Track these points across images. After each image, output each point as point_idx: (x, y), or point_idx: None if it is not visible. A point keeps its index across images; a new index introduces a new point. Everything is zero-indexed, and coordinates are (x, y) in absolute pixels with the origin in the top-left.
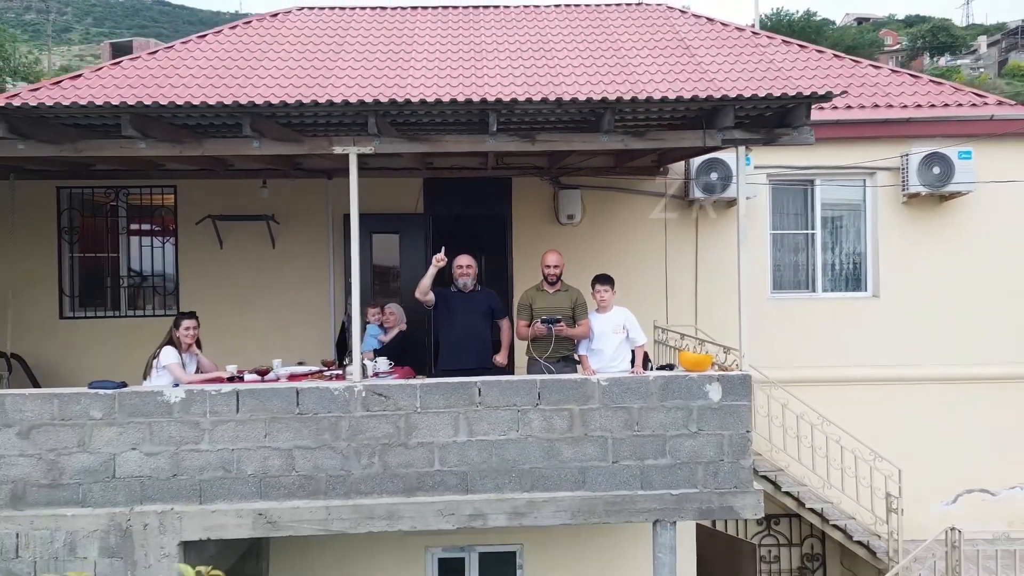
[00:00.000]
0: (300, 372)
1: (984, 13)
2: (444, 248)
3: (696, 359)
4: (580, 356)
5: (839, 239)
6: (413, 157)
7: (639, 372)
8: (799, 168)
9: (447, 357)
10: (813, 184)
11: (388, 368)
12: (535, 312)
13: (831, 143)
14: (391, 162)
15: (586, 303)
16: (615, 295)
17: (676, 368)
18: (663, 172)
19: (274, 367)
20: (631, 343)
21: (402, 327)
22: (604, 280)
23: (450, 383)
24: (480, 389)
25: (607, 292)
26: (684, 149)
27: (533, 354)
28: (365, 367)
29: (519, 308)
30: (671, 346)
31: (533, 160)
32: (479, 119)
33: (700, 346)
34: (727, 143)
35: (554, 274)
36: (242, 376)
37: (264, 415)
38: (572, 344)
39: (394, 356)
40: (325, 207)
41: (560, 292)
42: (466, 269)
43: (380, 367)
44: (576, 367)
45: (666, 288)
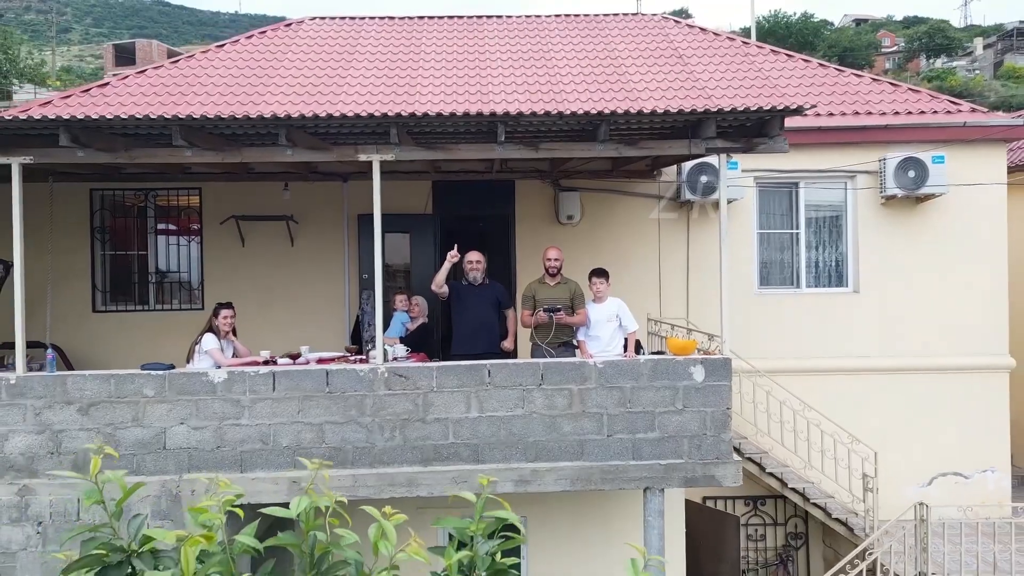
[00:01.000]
0: (327, 356)
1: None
2: (456, 246)
3: (682, 344)
4: (579, 341)
5: (822, 238)
6: (424, 162)
7: (631, 356)
8: (784, 171)
9: (460, 343)
10: (797, 186)
11: (405, 354)
12: (538, 302)
13: (814, 148)
14: (403, 166)
15: (584, 294)
16: (610, 287)
17: (665, 353)
18: (656, 175)
19: (303, 352)
20: (624, 330)
21: (424, 320)
22: (600, 273)
23: (463, 365)
24: (489, 371)
25: (603, 284)
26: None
27: (536, 340)
28: (386, 352)
29: (523, 299)
30: (662, 336)
31: (535, 164)
32: (488, 129)
33: (688, 335)
34: (710, 151)
35: (555, 267)
36: (275, 360)
37: (297, 393)
38: (571, 331)
39: (415, 346)
40: (341, 208)
41: (560, 284)
42: (476, 264)
43: (398, 352)
44: (575, 351)
45: (659, 284)
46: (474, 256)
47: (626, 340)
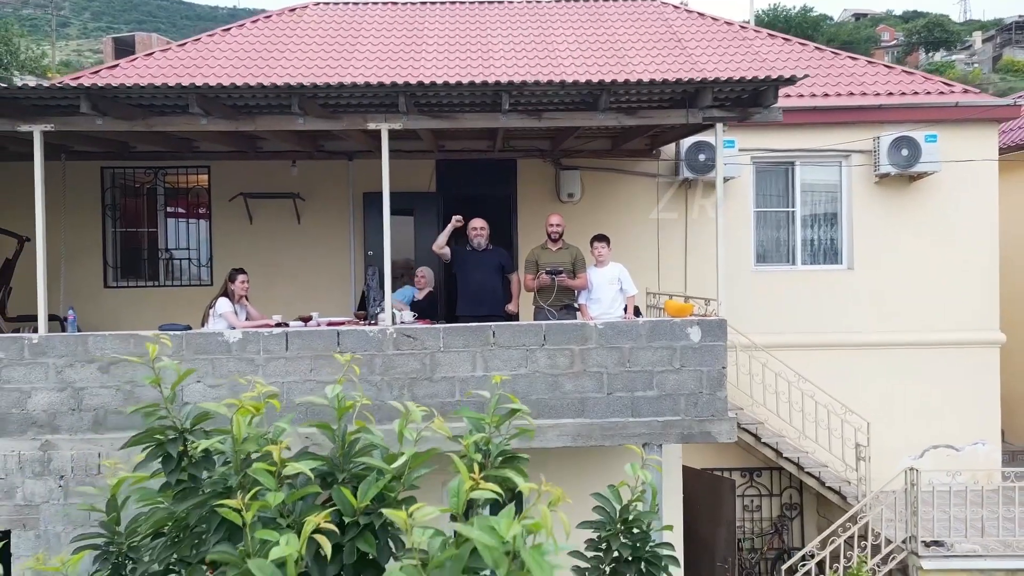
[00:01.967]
0: (337, 320)
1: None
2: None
3: (680, 306)
4: (580, 304)
5: (817, 217)
6: (428, 140)
7: (631, 318)
8: (780, 151)
9: (465, 306)
10: (793, 165)
11: (412, 320)
12: (540, 267)
13: (809, 128)
14: (407, 145)
15: (584, 259)
16: (611, 252)
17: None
18: (655, 155)
19: (314, 317)
20: (624, 294)
21: (431, 288)
22: (601, 239)
23: (469, 327)
24: (494, 332)
25: (604, 248)
26: (673, 131)
27: (539, 302)
28: (394, 315)
29: (526, 264)
30: (660, 308)
31: (537, 143)
32: (492, 100)
33: (685, 301)
34: (707, 120)
35: (556, 232)
36: (287, 324)
37: (309, 353)
38: (573, 294)
39: (424, 313)
40: (347, 186)
41: (562, 249)
42: (480, 230)
43: (406, 318)
44: (576, 314)
45: (658, 259)
46: (478, 223)
47: (626, 304)
